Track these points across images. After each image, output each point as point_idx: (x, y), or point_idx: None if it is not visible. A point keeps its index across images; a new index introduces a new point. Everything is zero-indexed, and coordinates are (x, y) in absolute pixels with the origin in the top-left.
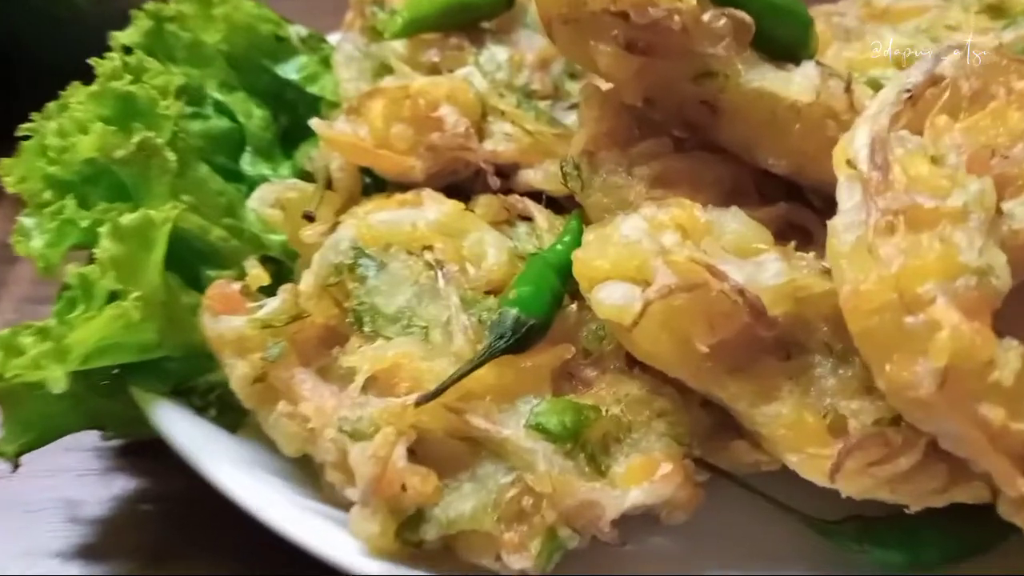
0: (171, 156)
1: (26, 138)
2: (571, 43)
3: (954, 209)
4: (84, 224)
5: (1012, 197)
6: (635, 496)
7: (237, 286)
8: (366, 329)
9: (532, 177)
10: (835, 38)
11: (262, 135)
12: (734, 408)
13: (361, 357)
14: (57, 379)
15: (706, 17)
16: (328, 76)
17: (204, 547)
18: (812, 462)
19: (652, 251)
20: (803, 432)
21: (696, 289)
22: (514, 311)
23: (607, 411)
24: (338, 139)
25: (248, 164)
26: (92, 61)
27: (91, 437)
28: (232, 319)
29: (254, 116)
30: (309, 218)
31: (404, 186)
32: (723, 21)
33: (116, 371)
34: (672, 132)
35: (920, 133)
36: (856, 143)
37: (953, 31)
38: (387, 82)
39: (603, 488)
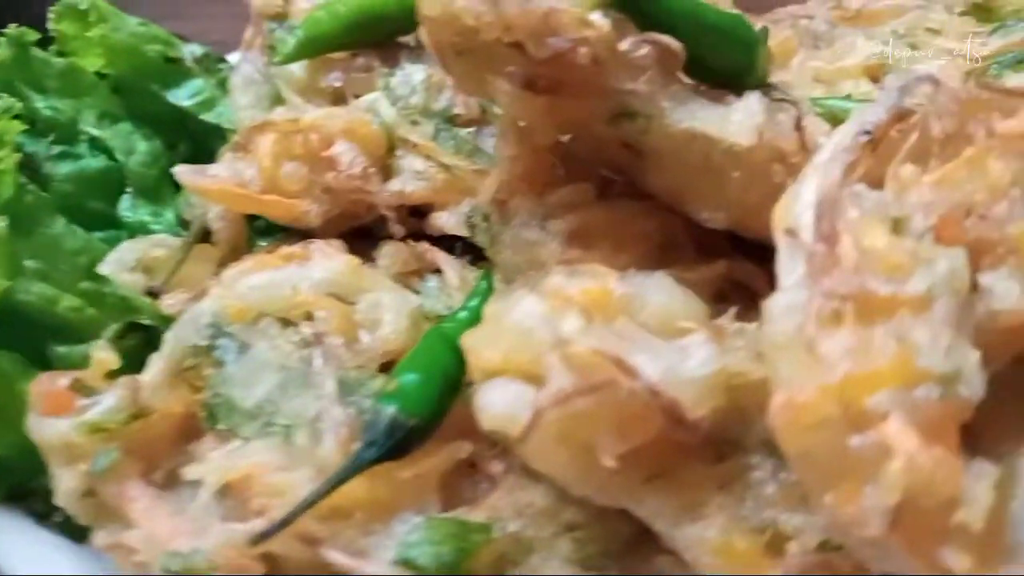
0: (1, 223)
1: None
2: (468, 78)
3: (915, 296)
4: None
5: (991, 268)
6: None
7: (66, 380)
8: (220, 427)
9: (447, 221)
10: (801, 45)
11: (146, 173)
12: (654, 528)
13: (206, 467)
14: None
15: (624, 46)
16: (226, 102)
17: None
18: None
19: (548, 342)
20: (732, 559)
21: (600, 390)
22: (391, 410)
23: (503, 528)
24: (209, 189)
25: (128, 208)
26: None
27: None
28: (58, 421)
29: (137, 152)
30: (152, 294)
31: (302, 232)
32: (645, 50)
33: None
34: (600, 174)
35: (881, 185)
36: (799, 203)
37: (935, 35)
38: (278, 113)
39: None
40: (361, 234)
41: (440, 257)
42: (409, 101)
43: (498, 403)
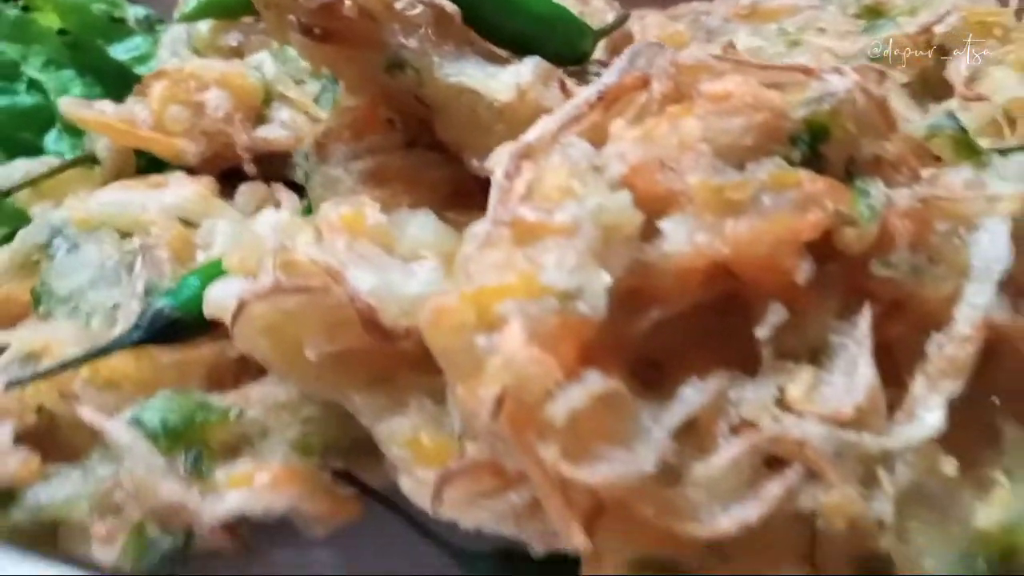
0: None
1: None
2: (275, 28)
3: (560, 225)
4: None
5: (669, 215)
6: (232, 501)
7: None
8: (40, 310)
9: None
10: (694, 38)
11: None
12: (362, 423)
13: (16, 335)
14: None
15: (399, 4)
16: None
17: None
18: (418, 488)
19: (272, 249)
20: (419, 452)
21: (308, 292)
22: (162, 302)
23: (241, 415)
24: (90, 120)
25: (53, 141)
26: None
27: None
28: None
29: (72, 94)
30: (5, 192)
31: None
32: (419, 9)
33: None
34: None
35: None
36: (511, 147)
37: (821, 34)
38: (170, 64)
39: (191, 492)
40: (239, 175)
41: (283, 195)
42: (299, 63)
43: (216, 294)
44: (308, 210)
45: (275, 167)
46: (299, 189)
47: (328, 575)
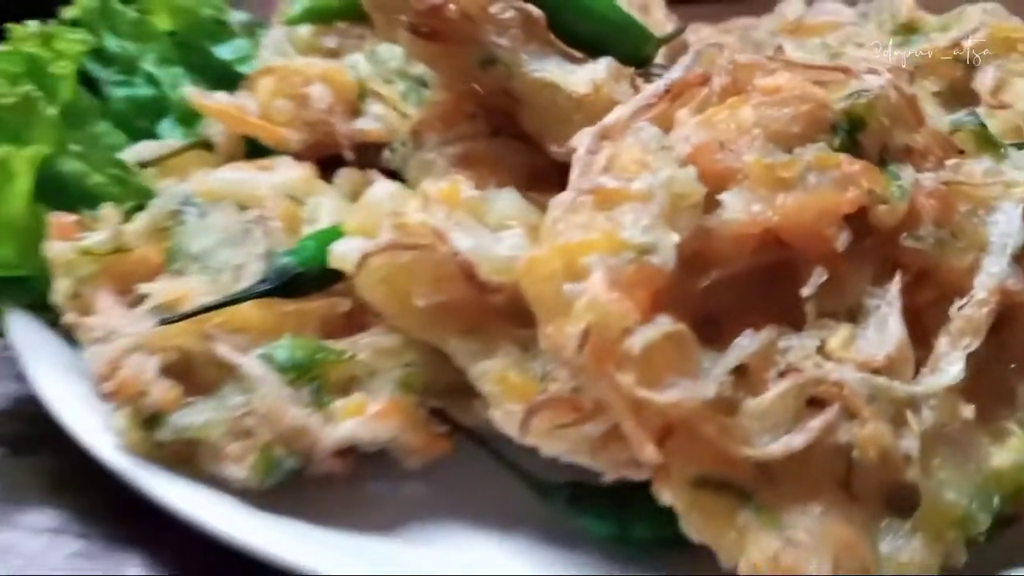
0: (51, 109)
1: None
2: (385, 28)
3: (638, 192)
4: None
5: (729, 189)
6: (346, 428)
7: (74, 218)
8: (175, 267)
9: (385, 153)
10: (743, 51)
11: (185, 106)
12: (458, 365)
13: (154, 287)
14: None
15: (493, 9)
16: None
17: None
18: (509, 418)
19: (387, 213)
20: (508, 388)
21: (417, 249)
22: (285, 259)
23: (353, 357)
24: (208, 107)
25: (166, 128)
26: (8, 26)
27: None
28: (63, 244)
29: (180, 87)
30: (142, 165)
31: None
32: (511, 13)
33: None
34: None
35: None
36: (591, 130)
37: (859, 48)
38: (277, 62)
39: (315, 417)
40: (335, 163)
41: (377, 179)
42: (388, 65)
43: (341, 249)
44: None
45: (367, 156)
46: (389, 176)
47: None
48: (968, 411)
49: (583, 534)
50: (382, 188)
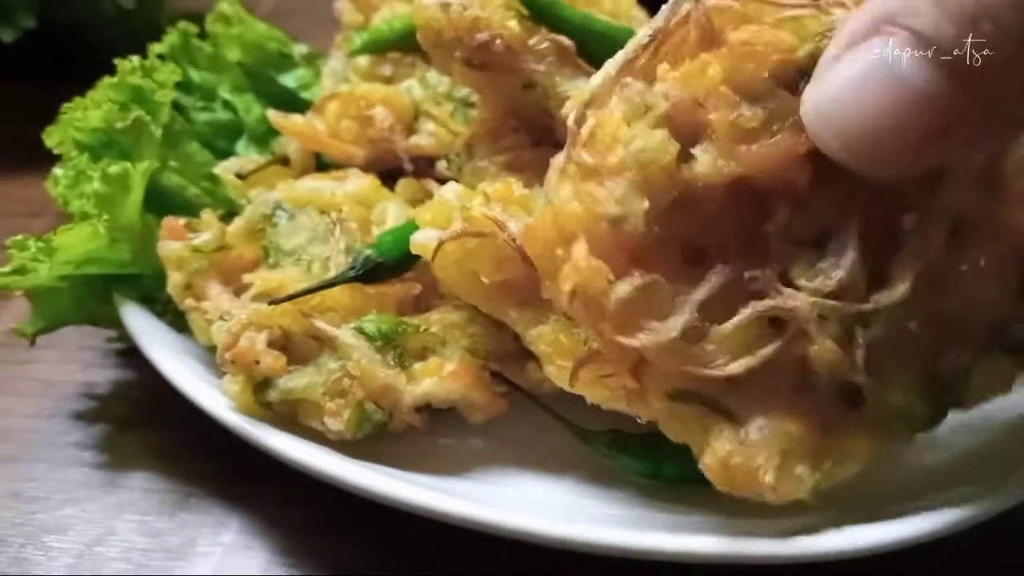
0: (157, 131)
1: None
2: (441, 62)
3: (612, 166)
4: (91, 174)
5: (700, 144)
6: (425, 386)
7: (183, 221)
8: (270, 261)
9: (440, 164)
10: None
11: (258, 127)
12: (517, 332)
13: (257, 276)
14: (43, 270)
15: (532, 41)
16: (319, 85)
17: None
18: (560, 372)
19: (457, 207)
20: (558, 348)
21: (484, 236)
22: (368, 251)
23: (427, 328)
24: (287, 126)
25: (242, 148)
26: (116, 61)
27: (102, 340)
28: (176, 244)
29: (253, 112)
30: (239, 176)
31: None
32: (546, 44)
33: (105, 281)
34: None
35: None
36: (578, 96)
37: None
38: (342, 88)
39: (399, 376)
40: (394, 174)
41: (434, 187)
42: (437, 89)
43: (420, 237)
44: None
45: (422, 167)
46: (441, 184)
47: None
48: (913, 324)
49: (621, 473)
50: (451, 189)
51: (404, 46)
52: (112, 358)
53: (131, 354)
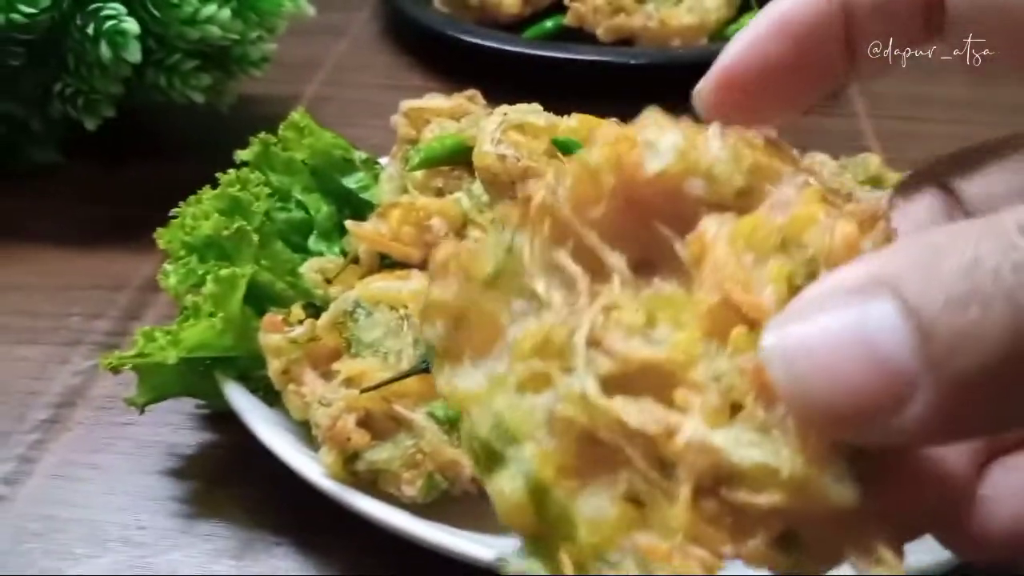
0: (255, 237)
1: (174, 217)
2: (497, 196)
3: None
4: (200, 273)
5: None
6: None
7: (280, 317)
8: (352, 351)
9: None
10: None
11: (326, 224)
12: None
13: (343, 365)
14: (171, 357)
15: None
16: (376, 187)
17: (250, 478)
18: None
19: None
20: None
21: None
22: None
23: None
24: (360, 233)
25: (313, 243)
26: (219, 175)
27: (189, 406)
28: (274, 335)
29: (322, 211)
30: (327, 281)
31: (409, 266)
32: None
33: (209, 362)
34: None
35: None
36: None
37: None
38: (403, 198)
39: (462, 454)
40: None
41: None
42: (481, 199)
43: None
44: None
45: None
46: None
47: None
48: None
49: None
50: None
51: (453, 161)
52: (198, 423)
53: (215, 419)
